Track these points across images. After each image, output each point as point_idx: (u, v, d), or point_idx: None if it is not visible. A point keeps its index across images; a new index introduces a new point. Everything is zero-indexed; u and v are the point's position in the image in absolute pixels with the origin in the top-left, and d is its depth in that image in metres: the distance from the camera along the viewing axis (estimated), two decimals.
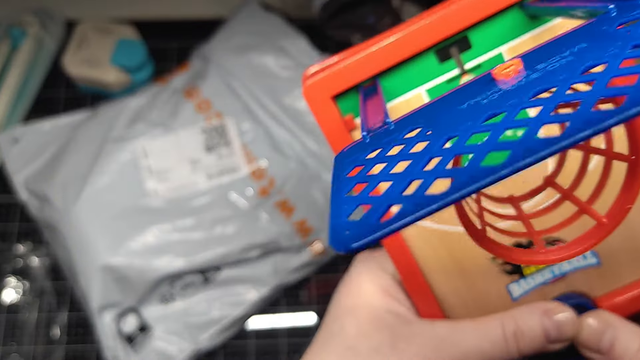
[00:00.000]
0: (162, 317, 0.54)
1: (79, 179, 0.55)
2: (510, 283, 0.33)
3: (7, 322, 0.57)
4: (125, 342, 0.53)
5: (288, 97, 0.59)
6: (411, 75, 0.30)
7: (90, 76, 0.63)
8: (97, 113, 0.60)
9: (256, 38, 0.62)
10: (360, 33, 0.66)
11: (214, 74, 0.60)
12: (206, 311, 0.54)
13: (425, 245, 0.32)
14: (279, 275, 0.55)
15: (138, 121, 0.58)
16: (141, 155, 0.56)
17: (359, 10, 0.66)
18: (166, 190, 0.55)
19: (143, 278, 0.52)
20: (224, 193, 0.55)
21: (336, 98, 0.30)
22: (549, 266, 0.33)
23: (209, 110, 0.58)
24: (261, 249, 0.54)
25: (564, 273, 0.33)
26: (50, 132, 0.61)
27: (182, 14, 0.70)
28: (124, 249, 0.53)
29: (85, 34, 0.64)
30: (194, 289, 0.54)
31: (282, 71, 0.60)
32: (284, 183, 0.56)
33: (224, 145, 0.57)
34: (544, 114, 0.18)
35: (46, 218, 0.56)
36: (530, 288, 0.33)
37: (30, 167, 0.59)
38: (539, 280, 0.33)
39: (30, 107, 0.66)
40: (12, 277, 0.58)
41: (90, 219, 0.53)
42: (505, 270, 0.33)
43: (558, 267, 0.33)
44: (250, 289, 0.55)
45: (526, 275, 0.33)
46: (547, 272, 0.33)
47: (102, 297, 0.53)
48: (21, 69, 0.65)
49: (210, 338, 0.54)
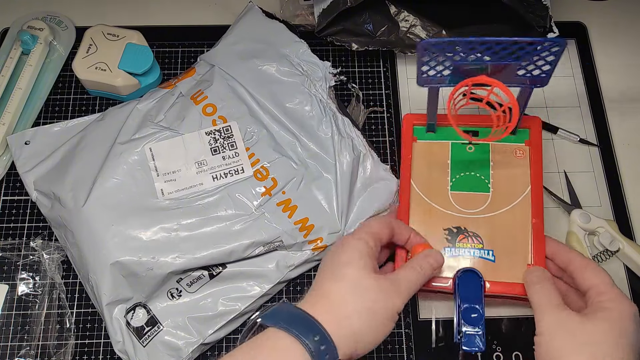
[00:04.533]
0: (170, 312, 0.55)
1: (88, 179, 0.57)
2: (447, 247, 0.57)
3: (19, 316, 0.58)
4: (134, 336, 0.55)
5: (290, 101, 0.61)
6: (449, 133, 0.62)
7: (99, 80, 0.64)
8: (106, 116, 0.62)
9: (260, 44, 0.64)
10: (358, 39, 0.68)
11: (219, 79, 0.62)
12: (212, 306, 0.55)
13: (418, 206, 0.59)
14: (281, 271, 0.57)
15: (146, 124, 0.60)
16: (149, 157, 0.58)
17: (357, 17, 0.68)
18: (173, 190, 0.57)
19: (151, 274, 0.54)
20: (229, 193, 0.57)
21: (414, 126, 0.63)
22: (472, 246, 0.57)
23: (215, 114, 0.60)
24: (264, 247, 0.56)
25: (475, 256, 0.56)
26: (60, 134, 0.63)
27: (187, 23, 0.73)
28: (133, 247, 0.54)
29: (94, 38, 0.66)
30: (200, 284, 0.56)
31: (284, 77, 0.62)
32: (286, 183, 0.58)
33: (228, 147, 0.59)
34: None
35: (56, 217, 0.58)
36: (454, 254, 0.57)
37: (40, 168, 0.60)
38: (460, 253, 0.57)
39: (42, 109, 0.67)
40: (24, 273, 0.59)
41: (100, 218, 0.55)
42: (446, 239, 0.57)
43: (473, 252, 0.57)
44: (254, 284, 0.56)
45: (456, 247, 0.57)
46: (466, 251, 0.57)
47: (112, 293, 0.54)
48: (31, 73, 0.66)
49: (216, 332, 0.55)
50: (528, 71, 0.51)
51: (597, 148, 0.67)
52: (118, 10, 0.73)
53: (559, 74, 0.70)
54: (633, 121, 0.69)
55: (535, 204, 0.57)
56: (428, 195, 0.59)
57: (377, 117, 0.68)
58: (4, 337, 0.57)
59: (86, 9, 0.73)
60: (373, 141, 0.67)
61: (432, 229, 0.57)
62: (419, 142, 0.61)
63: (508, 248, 0.56)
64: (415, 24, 0.68)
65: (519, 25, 0.67)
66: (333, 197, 0.59)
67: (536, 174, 0.58)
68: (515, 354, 0.58)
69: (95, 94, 0.68)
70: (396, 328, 0.59)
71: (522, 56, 0.49)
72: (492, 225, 0.57)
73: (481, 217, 0.58)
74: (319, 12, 0.66)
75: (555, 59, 0.49)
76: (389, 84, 0.70)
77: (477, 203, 0.58)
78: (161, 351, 0.54)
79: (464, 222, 0.58)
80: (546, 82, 0.52)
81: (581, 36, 0.73)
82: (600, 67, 0.72)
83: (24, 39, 0.66)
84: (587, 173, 0.66)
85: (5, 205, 0.63)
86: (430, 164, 0.60)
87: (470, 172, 0.59)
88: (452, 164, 0.60)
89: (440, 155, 0.61)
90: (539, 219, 0.57)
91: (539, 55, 0.49)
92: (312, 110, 0.61)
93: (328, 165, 0.60)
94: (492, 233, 0.57)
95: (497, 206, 0.58)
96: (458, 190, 0.59)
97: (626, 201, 0.65)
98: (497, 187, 0.59)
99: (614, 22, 0.74)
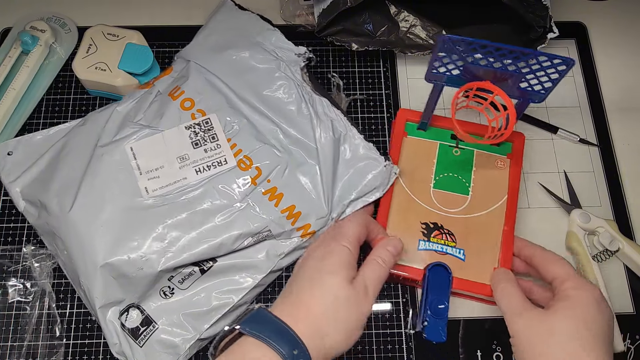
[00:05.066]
0: (164, 310, 0.55)
1: (73, 184, 0.56)
2: (421, 240, 0.60)
3: (9, 323, 0.58)
4: (130, 337, 0.54)
5: (268, 89, 0.61)
6: (438, 134, 0.64)
7: (99, 80, 0.65)
8: (87, 120, 0.61)
9: (232, 35, 0.64)
10: (358, 39, 0.68)
11: (195, 73, 0.62)
12: (205, 301, 0.55)
13: (400, 196, 0.62)
14: (272, 260, 0.57)
15: (126, 124, 0.59)
16: (130, 157, 0.57)
17: (357, 17, 0.68)
18: (157, 187, 0.57)
19: (142, 274, 0.54)
20: (213, 186, 0.57)
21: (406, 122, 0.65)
22: (445, 243, 0.59)
23: (193, 107, 0.60)
24: (253, 238, 0.56)
25: (447, 253, 0.59)
26: (43, 142, 0.62)
27: (187, 23, 0.73)
28: (121, 248, 0.54)
29: (94, 38, 0.66)
30: (192, 281, 0.56)
31: (259, 64, 0.62)
32: (270, 172, 0.58)
33: (209, 140, 0.59)
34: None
35: (44, 225, 0.58)
36: (427, 248, 0.59)
37: (25, 178, 0.60)
38: (433, 247, 0.59)
39: (42, 110, 0.67)
40: (14, 279, 0.59)
41: (87, 221, 0.55)
42: (422, 233, 0.60)
43: (446, 249, 0.59)
44: (246, 276, 0.56)
45: (430, 241, 0.60)
46: (439, 246, 0.59)
47: (104, 296, 0.54)
48: (27, 75, 0.66)
49: (212, 327, 0.55)
50: (530, 85, 0.53)
51: (597, 148, 0.67)
52: (121, 10, 0.73)
53: None
54: (633, 121, 0.69)
55: (509, 212, 0.60)
56: (411, 189, 0.61)
57: (377, 117, 0.68)
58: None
59: (90, 9, 0.73)
60: (373, 141, 0.67)
61: (410, 221, 0.60)
62: (409, 138, 0.63)
63: (478, 249, 0.59)
64: (415, 24, 0.68)
65: (519, 25, 0.67)
66: (318, 182, 0.58)
67: (514, 186, 0.61)
68: None
69: (95, 94, 0.68)
70: (396, 328, 0.59)
71: (530, 68, 0.51)
72: (467, 226, 0.60)
73: (458, 217, 0.60)
74: (319, 12, 0.66)
75: (559, 77, 0.51)
76: (389, 84, 0.70)
77: (456, 203, 0.61)
78: (158, 350, 0.54)
79: (441, 219, 0.60)
80: (543, 98, 0.55)
81: (581, 36, 0.73)
82: (600, 67, 0.72)
83: (24, 39, 0.66)
84: (587, 173, 0.66)
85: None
86: (417, 160, 0.62)
87: (453, 174, 0.62)
88: (437, 163, 0.62)
89: (428, 153, 0.63)
90: (510, 227, 0.60)
91: (545, 71, 0.51)
92: (290, 95, 0.61)
93: (311, 150, 0.59)
94: (466, 233, 0.60)
95: (474, 209, 0.61)
96: (440, 188, 0.61)
97: (626, 201, 0.65)
98: (476, 191, 0.61)
99: (614, 22, 0.74)
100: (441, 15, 0.69)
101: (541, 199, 0.65)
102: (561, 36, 0.68)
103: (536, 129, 0.68)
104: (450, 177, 0.62)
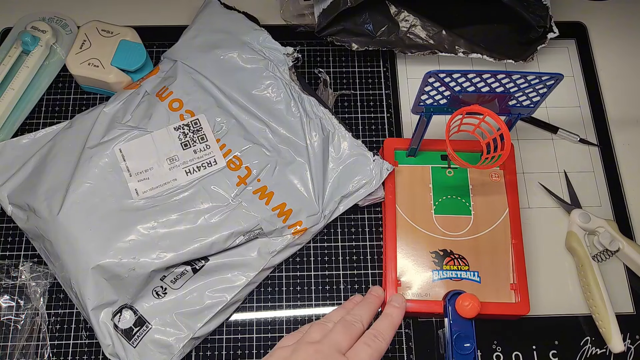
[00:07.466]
0: (157, 310, 0.55)
1: (61, 187, 0.56)
2: (435, 270, 0.58)
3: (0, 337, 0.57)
4: (123, 338, 0.54)
5: (256, 88, 0.61)
6: (427, 157, 0.63)
7: (91, 76, 0.64)
8: (74, 122, 0.61)
9: (219, 35, 0.64)
10: (358, 39, 0.68)
11: (182, 73, 0.62)
12: (198, 300, 0.55)
13: (404, 229, 0.61)
14: (264, 258, 0.57)
15: (113, 126, 0.59)
16: (120, 158, 0.57)
17: (357, 17, 0.68)
18: (147, 189, 0.56)
19: (134, 275, 0.53)
20: (204, 187, 0.57)
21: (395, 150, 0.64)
22: (458, 268, 0.58)
23: (181, 108, 0.60)
24: (245, 236, 0.56)
25: (462, 278, 0.58)
26: (29, 146, 0.62)
27: (187, 23, 0.72)
28: (112, 249, 0.54)
29: (88, 34, 0.66)
30: (185, 280, 0.56)
31: (247, 64, 0.62)
32: (260, 171, 0.58)
33: (198, 140, 0.59)
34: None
35: (33, 229, 0.57)
36: (442, 277, 0.58)
37: (12, 182, 0.59)
38: (448, 275, 0.58)
39: (42, 110, 0.67)
40: (7, 295, 0.58)
41: (76, 224, 0.54)
42: (434, 262, 0.59)
43: (460, 274, 0.58)
44: (238, 274, 0.56)
45: (443, 269, 0.58)
46: (453, 273, 0.58)
47: (96, 298, 0.54)
48: (27, 75, 0.66)
49: (205, 325, 0.55)
50: (519, 102, 0.53)
51: (597, 148, 0.67)
52: (123, 11, 0.73)
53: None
54: (633, 121, 0.69)
55: (513, 225, 0.60)
56: (413, 219, 0.61)
57: (377, 117, 0.68)
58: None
59: (91, 10, 0.73)
60: (373, 141, 0.67)
61: (419, 253, 0.59)
62: (400, 167, 0.63)
63: (492, 268, 0.59)
64: (415, 24, 0.68)
65: (519, 25, 0.67)
66: (308, 179, 0.58)
67: (512, 197, 0.61)
68: (516, 354, 0.58)
69: (88, 90, 0.68)
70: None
71: (519, 88, 0.51)
72: (476, 247, 0.59)
73: (465, 239, 0.60)
74: (319, 12, 0.66)
75: (547, 92, 0.51)
76: (389, 84, 0.70)
77: (461, 226, 0.60)
78: (152, 350, 0.54)
79: (449, 244, 0.59)
80: (533, 112, 0.55)
81: (581, 36, 0.73)
82: (600, 67, 0.72)
83: (25, 39, 0.66)
84: (587, 173, 0.66)
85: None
86: (413, 188, 0.62)
87: (452, 196, 0.61)
88: (434, 187, 0.62)
89: (422, 179, 0.62)
90: (518, 239, 0.59)
91: (533, 87, 0.51)
92: (279, 95, 0.61)
93: (300, 148, 0.59)
94: (476, 254, 0.59)
95: (479, 228, 0.60)
96: (441, 213, 0.61)
97: (626, 201, 0.65)
98: (478, 210, 0.61)
99: (614, 22, 0.74)
100: (441, 15, 0.69)
101: (541, 199, 0.65)
102: (561, 36, 0.68)
103: (536, 129, 0.68)
104: (450, 200, 0.61)
